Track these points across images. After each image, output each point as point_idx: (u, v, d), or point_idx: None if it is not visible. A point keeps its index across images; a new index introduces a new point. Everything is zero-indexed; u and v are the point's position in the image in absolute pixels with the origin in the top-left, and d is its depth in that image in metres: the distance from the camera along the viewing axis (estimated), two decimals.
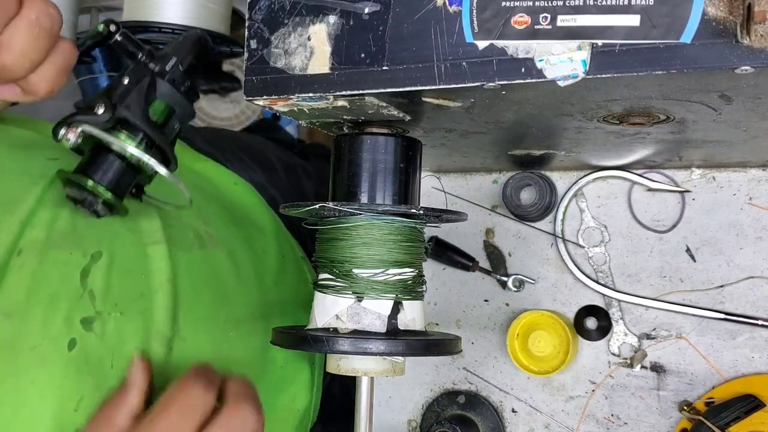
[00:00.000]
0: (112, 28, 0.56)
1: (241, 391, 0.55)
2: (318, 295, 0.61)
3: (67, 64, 0.54)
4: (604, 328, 0.77)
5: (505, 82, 0.46)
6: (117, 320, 0.56)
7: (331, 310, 0.59)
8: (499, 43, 0.46)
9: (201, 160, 0.87)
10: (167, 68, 0.56)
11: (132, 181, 0.57)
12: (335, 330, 0.59)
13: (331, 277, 0.60)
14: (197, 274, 0.65)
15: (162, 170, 0.53)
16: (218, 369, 0.57)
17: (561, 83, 0.45)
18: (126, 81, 0.55)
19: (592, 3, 0.43)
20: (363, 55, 0.50)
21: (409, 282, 0.60)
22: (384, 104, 0.53)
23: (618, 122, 0.55)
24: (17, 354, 0.50)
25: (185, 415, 0.51)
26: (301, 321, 0.70)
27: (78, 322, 0.54)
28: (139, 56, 0.55)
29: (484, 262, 0.83)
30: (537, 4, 0.44)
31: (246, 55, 0.53)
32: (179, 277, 0.62)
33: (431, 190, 0.86)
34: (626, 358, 0.76)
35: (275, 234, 0.83)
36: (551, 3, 0.44)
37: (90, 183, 0.54)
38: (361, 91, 0.50)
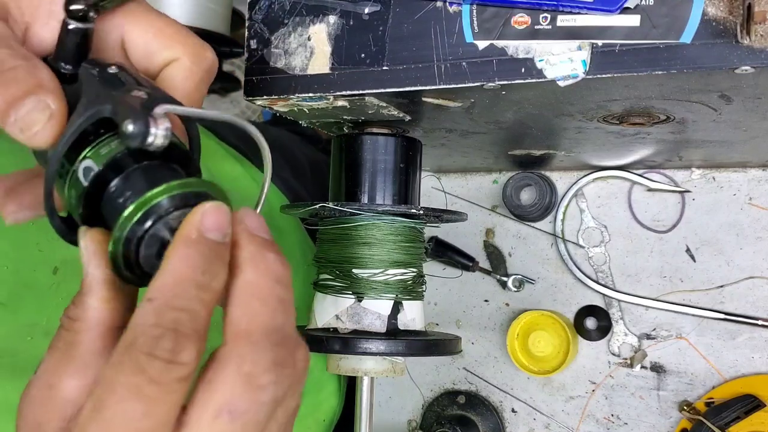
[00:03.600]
0: None
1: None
2: (318, 295, 0.61)
3: None
4: (604, 328, 0.77)
5: (505, 82, 0.46)
6: None
7: (331, 310, 0.59)
8: (499, 43, 0.46)
9: (229, 158, 0.84)
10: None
11: None
12: (335, 330, 0.59)
13: (331, 277, 0.60)
14: None
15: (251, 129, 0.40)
16: None
17: (561, 83, 0.45)
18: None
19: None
20: (363, 55, 0.50)
21: (409, 282, 0.60)
22: (384, 104, 0.53)
23: (618, 122, 0.55)
24: None
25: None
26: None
27: None
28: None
29: (484, 262, 0.83)
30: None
31: (246, 55, 0.53)
32: None
33: (431, 190, 0.86)
34: (626, 358, 0.76)
35: (297, 236, 0.82)
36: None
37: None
38: (361, 91, 0.50)
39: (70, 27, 0.35)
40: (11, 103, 0.32)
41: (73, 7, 0.35)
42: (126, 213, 0.31)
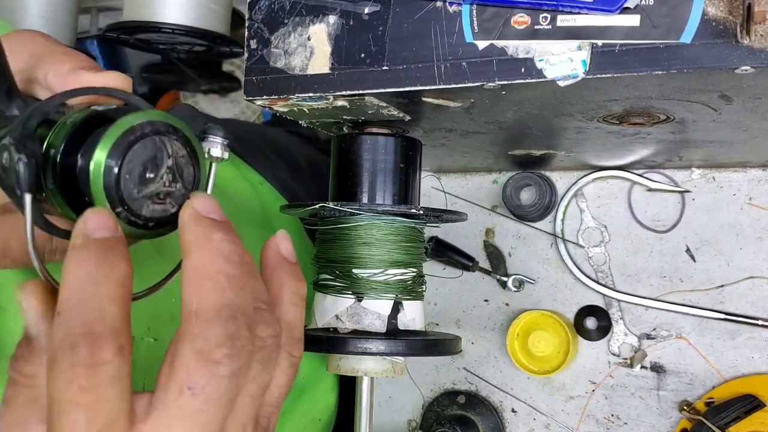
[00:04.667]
0: None
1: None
2: (318, 296, 0.61)
3: None
4: (604, 328, 0.77)
5: (505, 82, 0.46)
6: (150, 346, 0.54)
7: (330, 310, 0.59)
8: (499, 43, 0.46)
9: (225, 161, 0.84)
10: None
11: None
12: (335, 330, 0.59)
13: (330, 277, 0.60)
14: None
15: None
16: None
17: (561, 83, 0.45)
18: None
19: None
20: (363, 55, 0.50)
21: (409, 282, 0.60)
22: (384, 104, 0.53)
23: (618, 122, 0.55)
24: None
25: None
26: None
27: None
28: None
29: (484, 262, 0.83)
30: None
31: (246, 55, 0.53)
32: None
33: (431, 190, 0.86)
34: (626, 358, 0.76)
35: (296, 235, 0.82)
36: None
37: None
38: (361, 91, 0.50)
39: None
40: None
41: None
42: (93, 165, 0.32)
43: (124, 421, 0.29)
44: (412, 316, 0.60)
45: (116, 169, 0.32)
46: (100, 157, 0.32)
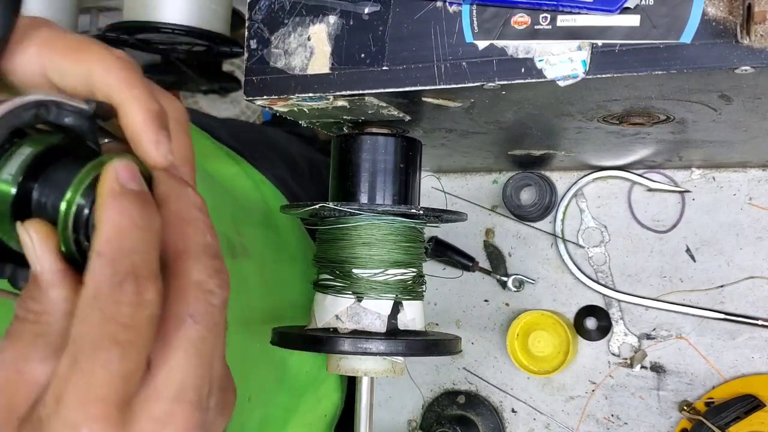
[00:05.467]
0: None
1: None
2: (318, 295, 0.61)
3: None
4: (604, 328, 0.77)
5: (505, 82, 0.46)
6: None
7: (330, 310, 0.59)
8: (499, 43, 0.46)
9: (229, 159, 0.84)
10: None
11: None
12: (335, 330, 0.59)
13: (331, 277, 0.60)
14: None
15: None
16: (240, 377, 0.49)
17: (561, 83, 0.45)
18: None
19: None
20: (363, 55, 0.50)
21: (409, 282, 0.60)
22: (384, 104, 0.53)
23: (618, 122, 0.55)
24: None
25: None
26: None
27: None
28: None
29: (484, 262, 0.83)
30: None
31: (246, 55, 0.53)
32: None
33: (431, 190, 0.86)
34: (626, 358, 0.76)
35: (297, 236, 0.82)
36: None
37: None
38: (361, 91, 0.50)
39: None
40: None
41: None
42: (63, 207, 0.32)
43: (143, 365, 0.31)
44: (412, 316, 0.60)
45: (87, 210, 0.33)
46: (71, 197, 0.32)
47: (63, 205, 0.32)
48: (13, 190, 0.33)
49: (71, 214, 0.32)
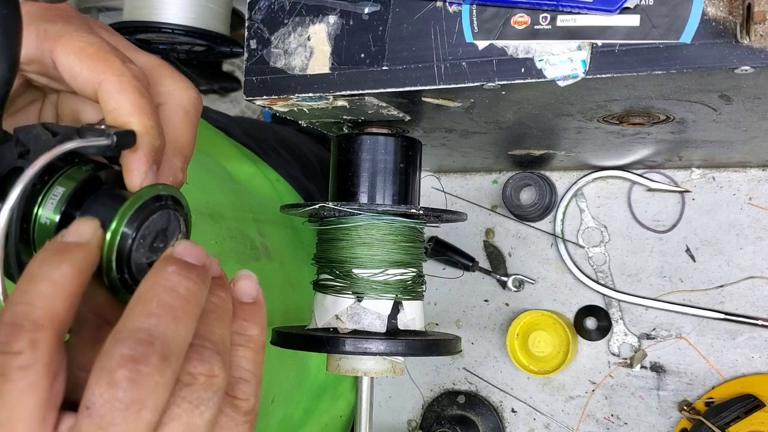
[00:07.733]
0: None
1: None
2: (318, 295, 0.61)
3: None
4: (604, 328, 0.77)
5: (505, 82, 0.46)
6: None
7: (330, 310, 0.59)
8: (499, 43, 0.46)
9: (245, 158, 0.83)
10: None
11: None
12: (335, 330, 0.59)
13: (330, 277, 0.60)
14: None
15: None
16: (264, 380, 0.43)
17: (561, 83, 0.45)
18: None
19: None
20: (363, 55, 0.50)
21: (409, 282, 0.60)
22: (384, 104, 0.53)
23: (618, 122, 0.55)
24: None
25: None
26: None
27: None
28: None
29: (484, 262, 0.83)
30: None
31: (246, 55, 0.53)
32: None
33: (431, 190, 0.86)
34: (626, 358, 0.76)
35: (313, 235, 0.82)
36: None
37: None
38: (361, 91, 0.50)
39: None
40: None
41: None
42: (108, 237, 0.34)
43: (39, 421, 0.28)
44: (412, 316, 0.60)
45: (130, 240, 0.34)
46: (117, 226, 0.34)
47: (108, 235, 0.34)
48: (57, 219, 0.34)
49: (116, 243, 0.34)
